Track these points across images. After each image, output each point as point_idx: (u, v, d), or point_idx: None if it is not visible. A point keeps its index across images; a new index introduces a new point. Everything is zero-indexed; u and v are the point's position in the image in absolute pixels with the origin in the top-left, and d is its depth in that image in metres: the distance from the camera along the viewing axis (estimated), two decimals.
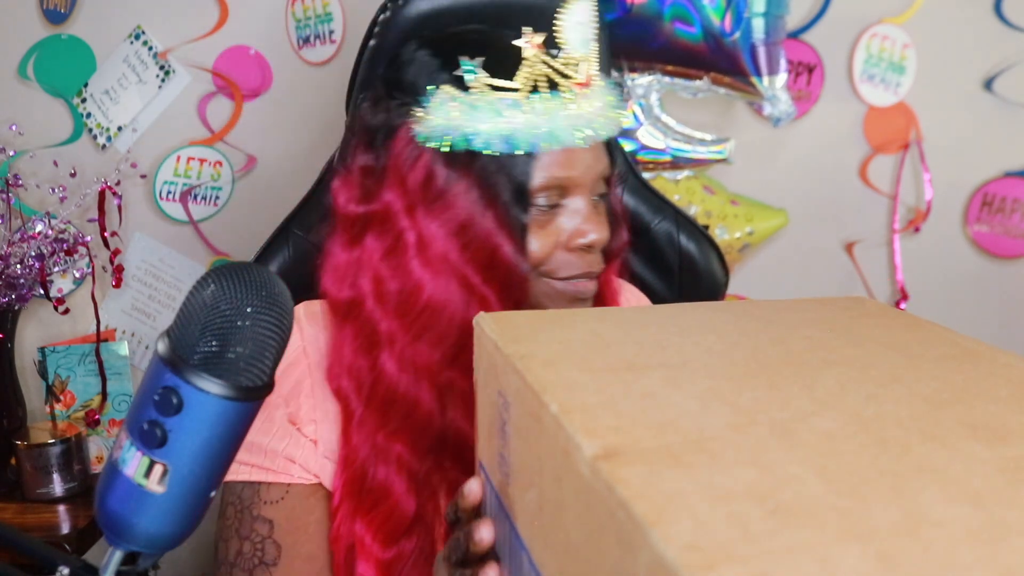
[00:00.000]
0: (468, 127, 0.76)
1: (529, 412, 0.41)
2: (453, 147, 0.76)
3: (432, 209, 0.78)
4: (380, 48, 1.03)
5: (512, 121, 0.75)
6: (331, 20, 1.52)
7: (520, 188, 0.76)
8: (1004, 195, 1.60)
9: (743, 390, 0.40)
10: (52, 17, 1.53)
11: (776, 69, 1.30)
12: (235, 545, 0.80)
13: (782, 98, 1.31)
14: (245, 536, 0.80)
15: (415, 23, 1.02)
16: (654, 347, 0.47)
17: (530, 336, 0.48)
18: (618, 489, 0.30)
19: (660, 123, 1.40)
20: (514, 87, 0.76)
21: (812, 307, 0.56)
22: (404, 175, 0.78)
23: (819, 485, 0.31)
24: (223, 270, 0.52)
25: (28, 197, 1.52)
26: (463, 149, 0.76)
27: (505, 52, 0.77)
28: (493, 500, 0.51)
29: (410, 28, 1.02)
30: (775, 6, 1.28)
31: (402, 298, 0.78)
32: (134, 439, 0.49)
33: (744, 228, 1.46)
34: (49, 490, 1.37)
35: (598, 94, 0.79)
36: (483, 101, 0.76)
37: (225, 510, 0.81)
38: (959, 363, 0.45)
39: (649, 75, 1.34)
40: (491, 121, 0.75)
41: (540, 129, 0.75)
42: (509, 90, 0.76)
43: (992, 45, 1.56)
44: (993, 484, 0.31)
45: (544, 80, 0.76)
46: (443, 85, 0.77)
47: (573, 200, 0.79)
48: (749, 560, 0.26)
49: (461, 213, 0.77)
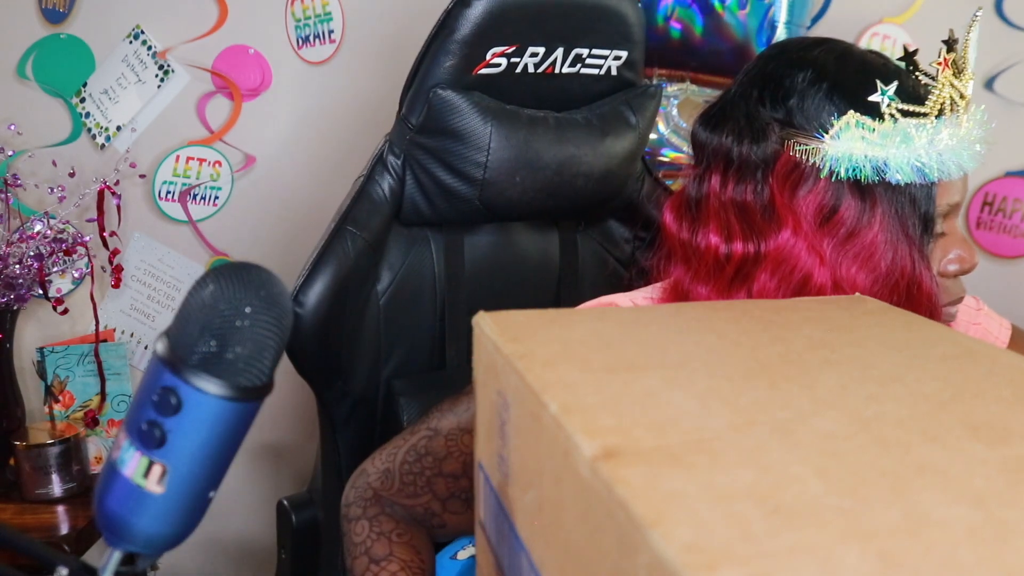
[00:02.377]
0: (880, 156, 0.71)
1: (529, 412, 0.41)
2: (860, 178, 0.72)
3: (842, 246, 0.73)
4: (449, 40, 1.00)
5: (922, 148, 0.72)
6: (331, 20, 1.53)
7: (928, 217, 0.74)
8: (1004, 195, 1.60)
9: (743, 390, 0.40)
10: (51, 16, 1.53)
11: None
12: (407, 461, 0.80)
13: None
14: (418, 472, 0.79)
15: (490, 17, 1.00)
16: (654, 347, 0.47)
17: (530, 336, 0.48)
18: (618, 489, 0.30)
19: (682, 130, 1.41)
20: (924, 111, 0.73)
21: (812, 306, 0.56)
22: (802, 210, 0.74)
23: (819, 485, 0.31)
24: (222, 270, 0.52)
25: (27, 197, 1.52)
26: (871, 180, 0.72)
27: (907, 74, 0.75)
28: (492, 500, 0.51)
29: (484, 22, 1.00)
30: (798, 15, 1.30)
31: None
32: (133, 439, 0.49)
33: None
34: (48, 490, 1.37)
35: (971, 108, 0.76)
36: (894, 129, 0.72)
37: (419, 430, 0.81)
38: (960, 363, 0.45)
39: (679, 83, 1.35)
40: (903, 148, 0.72)
41: (946, 155, 0.72)
42: (919, 115, 0.73)
43: (992, 45, 1.56)
44: (994, 484, 0.31)
45: (949, 102, 0.74)
46: (848, 111, 0.72)
47: (950, 224, 0.77)
48: (749, 560, 0.26)
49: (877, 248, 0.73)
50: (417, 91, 1.02)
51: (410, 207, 1.06)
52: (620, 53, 1.10)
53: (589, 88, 1.11)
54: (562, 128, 1.07)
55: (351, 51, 1.54)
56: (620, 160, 1.12)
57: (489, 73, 0.93)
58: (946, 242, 0.77)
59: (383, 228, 1.06)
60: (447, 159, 1.02)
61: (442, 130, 1.02)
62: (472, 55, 1.01)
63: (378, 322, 1.07)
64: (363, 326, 1.06)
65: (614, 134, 1.10)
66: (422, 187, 1.05)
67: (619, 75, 1.12)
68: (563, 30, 1.05)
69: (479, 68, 1.01)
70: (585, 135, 1.08)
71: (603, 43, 1.08)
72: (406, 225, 1.08)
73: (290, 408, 1.57)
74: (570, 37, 1.06)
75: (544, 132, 1.05)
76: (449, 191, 1.04)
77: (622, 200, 1.18)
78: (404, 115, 1.04)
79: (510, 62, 1.04)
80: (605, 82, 1.12)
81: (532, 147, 1.04)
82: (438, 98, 1.00)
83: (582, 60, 1.08)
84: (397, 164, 1.05)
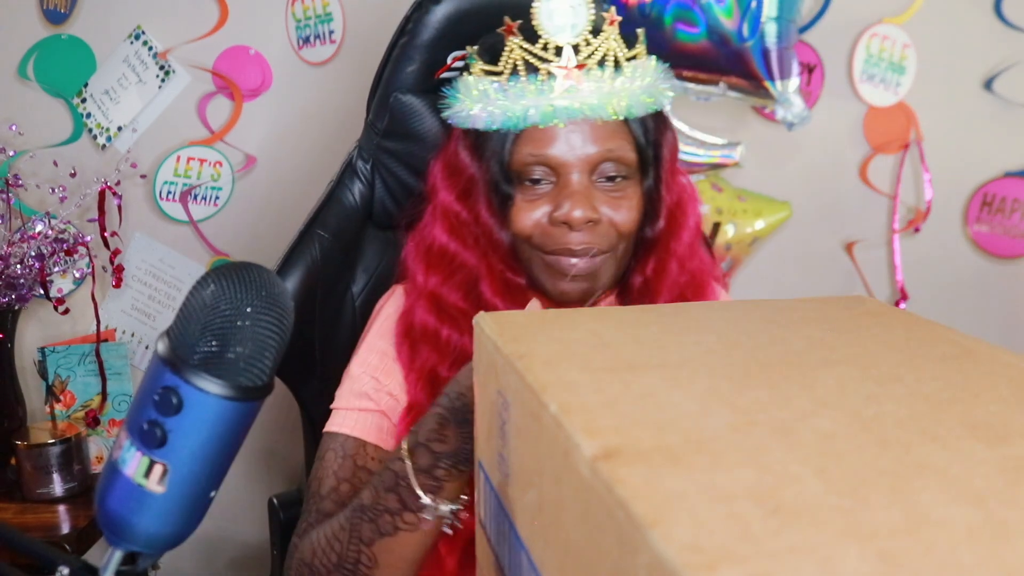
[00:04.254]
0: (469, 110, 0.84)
1: (529, 412, 0.41)
2: (464, 129, 0.86)
3: (449, 182, 0.88)
4: (411, 45, 1.03)
5: (496, 103, 0.82)
6: (331, 20, 1.53)
7: (503, 163, 0.84)
8: (1004, 195, 1.60)
9: (743, 390, 0.40)
10: (52, 17, 1.53)
11: (788, 73, 1.30)
12: (331, 483, 0.83)
13: (795, 101, 1.31)
14: (345, 478, 0.83)
15: (448, 22, 1.02)
16: (654, 347, 0.47)
17: (530, 336, 0.48)
18: (618, 489, 0.30)
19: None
20: (498, 71, 0.83)
21: (812, 306, 0.56)
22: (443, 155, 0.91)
23: (819, 485, 0.31)
24: (223, 270, 0.52)
25: (28, 197, 1.52)
26: (467, 129, 0.86)
27: (496, 39, 0.84)
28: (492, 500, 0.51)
29: (443, 27, 1.01)
30: (787, 10, 1.29)
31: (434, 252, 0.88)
32: (134, 439, 0.49)
33: (753, 223, 1.47)
34: (49, 490, 1.37)
35: (606, 77, 0.82)
36: (478, 86, 0.84)
37: (324, 455, 0.86)
38: (960, 362, 0.45)
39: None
40: (482, 103, 0.83)
41: (515, 110, 0.81)
42: (496, 74, 0.83)
43: (992, 45, 1.56)
44: (994, 484, 0.31)
45: (522, 64, 0.82)
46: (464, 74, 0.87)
47: (563, 178, 0.83)
48: (749, 560, 0.26)
49: (461, 184, 0.87)
50: (381, 97, 1.04)
51: (381, 210, 1.08)
52: None
53: None
54: None
55: (351, 51, 1.54)
56: None
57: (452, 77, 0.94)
58: (555, 192, 0.84)
59: (355, 231, 1.08)
60: (411, 162, 1.04)
61: (404, 134, 1.03)
62: (433, 60, 1.02)
63: (354, 323, 1.08)
64: (339, 327, 1.08)
65: None
66: (390, 190, 1.07)
67: None
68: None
69: (441, 72, 1.02)
70: None
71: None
72: (381, 228, 1.10)
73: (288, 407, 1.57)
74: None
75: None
76: (415, 193, 1.06)
77: None
78: (371, 120, 1.06)
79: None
80: None
81: None
82: (399, 102, 1.03)
83: None
84: (366, 169, 1.07)
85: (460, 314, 0.86)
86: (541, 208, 0.84)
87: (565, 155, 0.82)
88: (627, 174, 0.85)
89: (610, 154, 0.83)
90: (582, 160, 0.82)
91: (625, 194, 0.85)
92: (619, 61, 0.83)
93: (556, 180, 0.84)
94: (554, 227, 0.84)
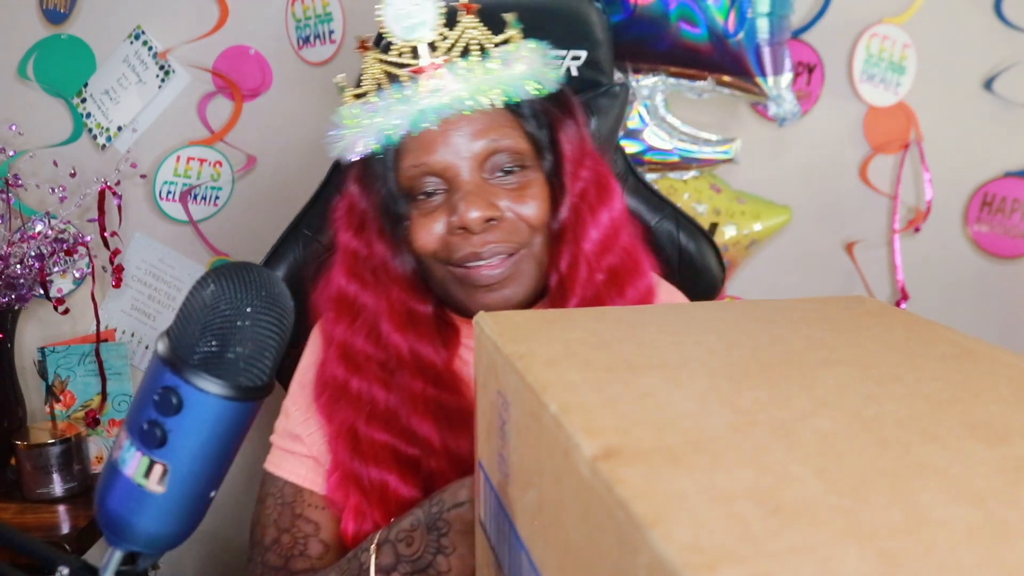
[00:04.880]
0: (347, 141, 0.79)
1: (529, 412, 0.41)
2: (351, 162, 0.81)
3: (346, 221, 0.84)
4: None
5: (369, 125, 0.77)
6: (331, 20, 1.53)
7: (390, 185, 0.79)
8: (1004, 195, 1.60)
9: (743, 390, 0.40)
10: (52, 17, 1.53)
11: (781, 69, 1.30)
12: (272, 534, 0.83)
13: (787, 98, 1.30)
14: (285, 528, 0.83)
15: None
16: (654, 347, 0.47)
17: (530, 336, 0.48)
18: (618, 489, 0.30)
19: (666, 123, 1.40)
20: (364, 91, 0.78)
21: (812, 306, 0.56)
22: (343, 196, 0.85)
23: (819, 485, 0.31)
24: (223, 270, 0.52)
25: (28, 197, 1.52)
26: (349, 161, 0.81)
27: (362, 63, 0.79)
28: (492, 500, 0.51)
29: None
30: (779, 6, 1.28)
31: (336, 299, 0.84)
32: (134, 439, 0.49)
33: (752, 225, 1.47)
34: (49, 490, 1.37)
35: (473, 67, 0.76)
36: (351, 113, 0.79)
37: (265, 499, 0.85)
38: (960, 362, 0.45)
39: (654, 76, 1.33)
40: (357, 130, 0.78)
41: (386, 125, 0.76)
42: (363, 95, 0.79)
43: (992, 45, 1.56)
44: (994, 484, 0.31)
45: (384, 77, 0.78)
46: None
47: (454, 182, 0.78)
48: (749, 560, 0.26)
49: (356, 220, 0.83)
50: None
51: None
52: (578, 53, 1.09)
53: None
54: None
55: (351, 51, 1.54)
56: None
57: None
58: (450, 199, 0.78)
59: None
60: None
61: None
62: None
63: None
64: None
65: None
66: None
67: (580, 75, 1.10)
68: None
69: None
70: None
71: (556, 44, 1.06)
72: None
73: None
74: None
75: None
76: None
77: None
78: None
79: None
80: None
81: None
82: None
83: None
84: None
85: (368, 360, 0.82)
86: (439, 219, 0.78)
87: (449, 157, 0.77)
88: (525, 163, 0.79)
89: (498, 145, 0.77)
90: (468, 158, 0.77)
91: (527, 185, 0.79)
92: (485, 48, 0.77)
93: (448, 187, 0.78)
94: (455, 236, 0.78)
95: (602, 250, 0.82)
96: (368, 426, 0.81)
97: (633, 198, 1.13)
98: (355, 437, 0.81)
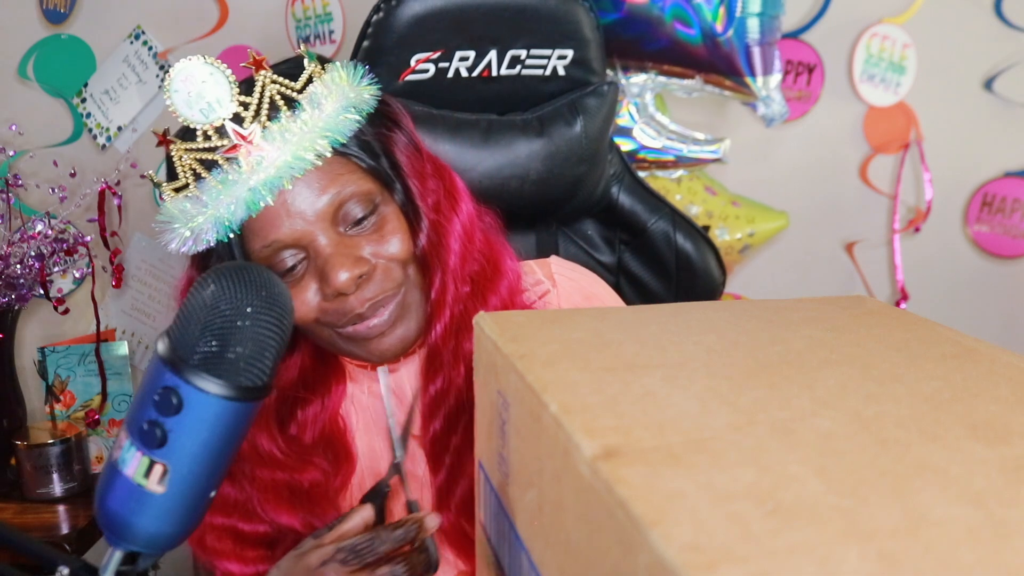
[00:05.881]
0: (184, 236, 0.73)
1: (529, 412, 0.41)
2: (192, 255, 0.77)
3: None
4: (374, 50, 1.03)
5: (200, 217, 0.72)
6: (331, 20, 1.52)
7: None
8: (1004, 195, 1.60)
9: (743, 390, 0.40)
10: (52, 17, 1.53)
11: (770, 69, 1.29)
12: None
13: (775, 98, 1.30)
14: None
15: (409, 24, 1.01)
16: (654, 347, 0.47)
17: (530, 336, 0.48)
18: (618, 489, 0.30)
19: (654, 122, 1.39)
20: (182, 184, 0.73)
21: (812, 306, 0.56)
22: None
23: (819, 485, 0.31)
24: (223, 270, 0.52)
25: (28, 197, 1.52)
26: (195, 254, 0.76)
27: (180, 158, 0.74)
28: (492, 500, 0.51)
29: (404, 29, 1.01)
30: (770, 6, 1.28)
31: None
32: (134, 439, 0.49)
33: (745, 229, 1.46)
34: (49, 490, 1.37)
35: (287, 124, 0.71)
36: (177, 207, 0.73)
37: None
38: (960, 362, 0.45)
39: (644, 74, 1.33)
40: (188, 224, 0.73)
41: (221, 213, 0.71)
42: (182, 188, 0.73)
43: (992, 45, 1.56)
44: (994, 484, 0.31)
45: (198, 164, 0.73)
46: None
47: (311, 249, 0.73)
48: (749, 560, 0.26)
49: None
50: None
51: None
52: (564, 52, 1.08)
53: (537, 89, 1.09)
54: (493, 131, 1.05)
55: (351, 51, 1.54)
56: (562, 162, 1.07)
57: (418, 79, 0.92)
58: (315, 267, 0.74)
59: None
60: None
61: None
62: (396, 63, 1.02)
63: None
64: None
65: (552, 136, 1.07)
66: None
67: (568, 74, 1.09)
68: (491, 33, 1.04)
69: (405, 75, 1.01)
70: (519, 137, 1.06)
71: (541, 43, 1.06)
72: None
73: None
74: (501, 39, 1.05)
75: (470, 135, 1.04)
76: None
77: (595, 201, 1.14)
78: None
79: (438, 67, 1.04)
80: (554, 83, 1.09)
81: (455, 151, 1.03)
82: None
83: (521, 61, 1.06)
84: None
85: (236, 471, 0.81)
86: (310, 287, 0.74)
87: (298, 226, 0.72)
88: (375, 201, 0.75)
89: (342, 196, 0.73)
90: (317, 221, 0.72)
91: (383, 223, 0.75)
92: (291, 98, 0.72)
93: (307, 253, 0.74)
94: (333, 302, 0.74)
95: (463, 261, 0.80)
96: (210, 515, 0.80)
97: (630, 198, 1.13)
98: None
